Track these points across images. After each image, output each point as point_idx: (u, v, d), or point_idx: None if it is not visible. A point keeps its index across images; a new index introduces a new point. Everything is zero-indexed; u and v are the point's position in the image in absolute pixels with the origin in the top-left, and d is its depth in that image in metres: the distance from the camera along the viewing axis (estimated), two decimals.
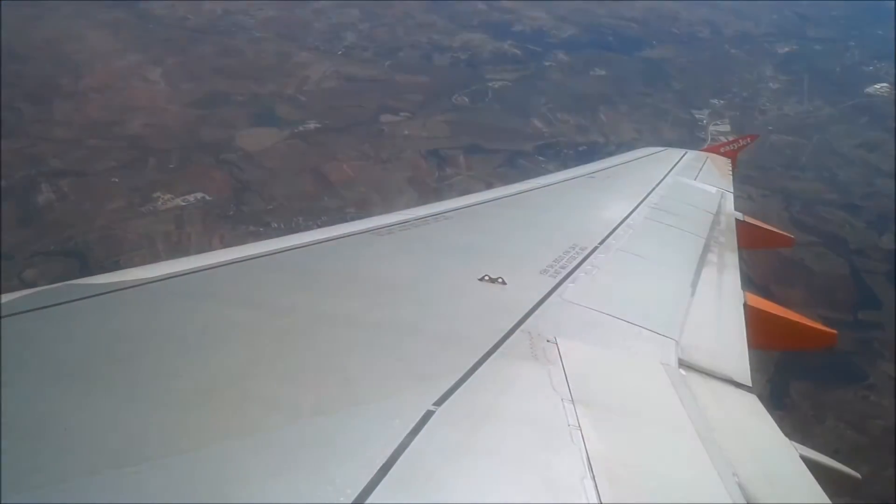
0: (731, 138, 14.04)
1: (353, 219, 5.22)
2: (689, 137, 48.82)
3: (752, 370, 3.62)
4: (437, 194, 40.25)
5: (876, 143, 48.06)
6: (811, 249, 35.96)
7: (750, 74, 59.78)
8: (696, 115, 52.37)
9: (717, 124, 50.68)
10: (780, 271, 32.91)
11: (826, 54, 64.27)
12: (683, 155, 9.60)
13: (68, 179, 39.33)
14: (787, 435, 3.08)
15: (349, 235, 4.35)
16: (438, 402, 2.30)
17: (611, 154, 40.66)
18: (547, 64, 61.22)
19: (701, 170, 9.04)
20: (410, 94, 53.63)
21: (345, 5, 71.87)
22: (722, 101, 54.62)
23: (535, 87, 56.22)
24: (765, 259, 29.98)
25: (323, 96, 52.46)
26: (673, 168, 8.61)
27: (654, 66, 61.70)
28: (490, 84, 56.26)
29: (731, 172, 9.52)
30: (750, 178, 37.19)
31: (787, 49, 65.40)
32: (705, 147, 11.17)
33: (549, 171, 42.42)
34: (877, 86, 57.38)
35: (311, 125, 47.95)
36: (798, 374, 27.77)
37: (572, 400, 2.59)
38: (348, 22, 67.84)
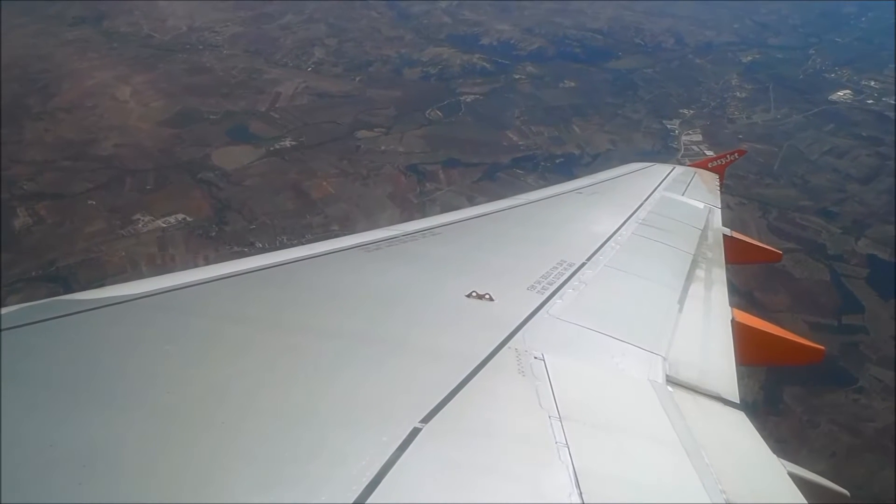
0: (717, 153, 13.99)
1: (337, 236, 5.20)
2: (663, 147, 49.55)
3: (745, 377, 3.63)
4: (419, 209, 40.42)
5: (843, 149, 49.14)
6: (791, 256, 36.51)
7: (716, 84, 60.68)
8: (668, 126, 53.11)
9: (689, 134, 51.45)
10: (763, 278, 33.48)
11: (788, 62, 65.63)
12: (671, 170, 9.61)
13: (45, 202, 38.71)
14: (785, 440, 3.09)
15: (338, 251, 4.33)
16: (425, 420, 2.27)
17: (588, 165, 41.30)
18: (516, 77, 61.70)
19: (689, 185, 9.03)
20: (384, 108, 53.73)
21: (311, 21, 71.79)
22: (691, 111, 55.41)
23: (507, 100, 56.66)
24: (748, 266, 30.43)
25: (296, 113, 52.38)
26: (661, 183, 8.60)
27: (621, 76, 62.51)
28: (462, 98, 56.61)
29: (718, 188, 9.51)
30: (725, 187, 37.37)
31: (749, 58, 66.65)
32: (693, 162, 11.14)
33: (529, 184, 42.96)
34: (839, 92, 58.72)
35: (287, 142, 47.91)
36: (790, 379, 28.21)
37: (559, 417, 2.57)
38: (315, 37, 67.72)
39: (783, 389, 28.05)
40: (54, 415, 2.07)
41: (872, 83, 60.36)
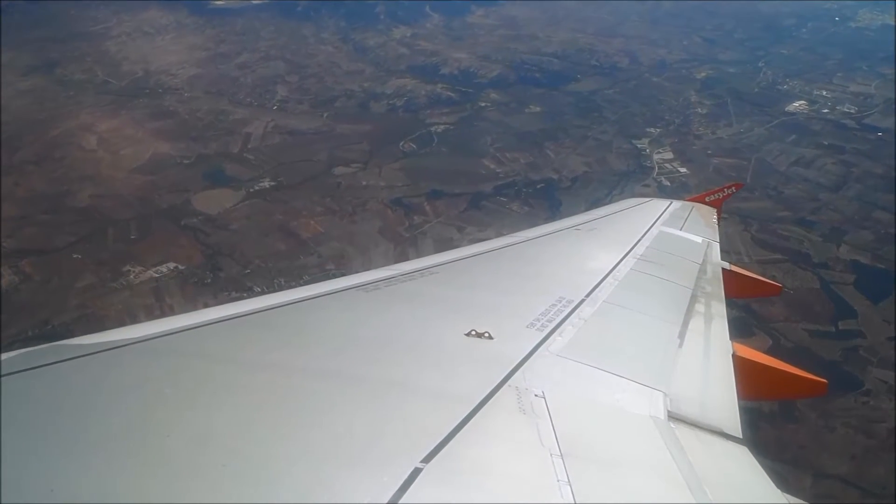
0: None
1: (334, 274, 5.15)
2: (638, 167, 50.38)
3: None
4: (412, 243, 40.44)
5: (809, 158, 50.58)
6: (779, 267, 37.50)
7: (676, 101, 61.87)
8: (638, 145, 53.85)
9: (660, 152, 52.27)
10: None
11: (741, 76, 67.39)
12: (669, 205, 9.73)
13: (29, 259, 37.49)
14: (805, 446, 3.10)
15: (336, 292, 4.35)
16: (426, 460, 2.27)
17: (568, 189, 41.69)
18: (482, 104, 62.05)
19: (686, 220, 9.13)
20: (356, 143, 53.53)
21: (267, 59, 71.63)
22: (658, 129, 56.33)
23: (477, 128, 56.97)
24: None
25: (269, 152, 51.88)
26: (658, 218, 8.70)
27: (584, 98, 63.35)
28: (433, 128, 56.72)
29: (716, 222, 9.65)
30: None
31: (704, 74, 68.17)
32: (690, 197, 11.29)
33: (514, 210, 43.37)
34: (795, 103, 60.59)
35: (266, 183, 47.29)
36: None
37: (561, 455, 2.57)
38: (276, 75, 67.49)
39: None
40: (55, 459, 2.06)
41: (824, 93, 62.51)
